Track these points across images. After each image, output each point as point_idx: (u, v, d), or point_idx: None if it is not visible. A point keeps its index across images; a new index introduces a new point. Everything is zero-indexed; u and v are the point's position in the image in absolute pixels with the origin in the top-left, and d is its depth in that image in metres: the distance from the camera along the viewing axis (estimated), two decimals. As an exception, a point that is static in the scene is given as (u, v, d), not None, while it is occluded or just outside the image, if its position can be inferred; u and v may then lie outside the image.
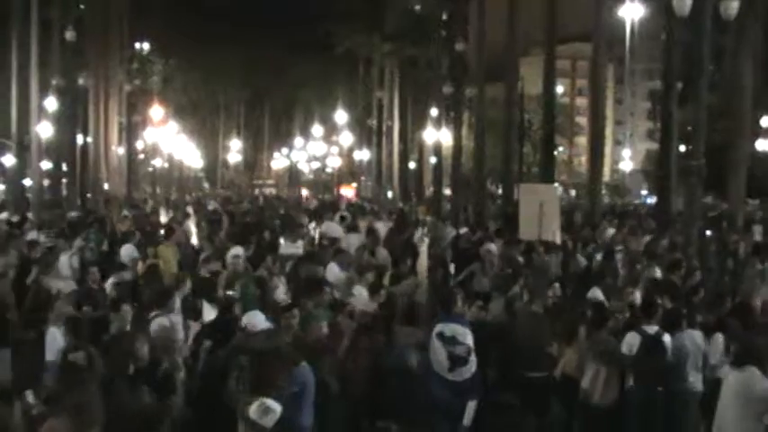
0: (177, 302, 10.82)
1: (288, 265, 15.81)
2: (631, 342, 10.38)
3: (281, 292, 13.63)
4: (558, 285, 13.84)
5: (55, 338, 10.06)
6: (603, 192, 48.23)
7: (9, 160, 44.51)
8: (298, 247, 18.86)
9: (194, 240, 24.33)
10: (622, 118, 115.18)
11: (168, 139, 79.71)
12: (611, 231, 24.41)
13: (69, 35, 44.85)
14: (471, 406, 9.71)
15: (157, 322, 9.86)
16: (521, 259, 16.60)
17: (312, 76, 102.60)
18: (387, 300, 12.24)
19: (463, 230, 25.54)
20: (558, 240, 18.19)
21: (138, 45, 73.87)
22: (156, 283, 13.49)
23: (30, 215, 32.11)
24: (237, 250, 14.91)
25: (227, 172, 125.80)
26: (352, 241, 19.55)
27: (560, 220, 19.27)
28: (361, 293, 12.61)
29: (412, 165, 73.17)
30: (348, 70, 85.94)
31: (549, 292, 12.94)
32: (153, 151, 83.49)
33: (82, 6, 52.51)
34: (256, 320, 9.41)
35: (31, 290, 13.54)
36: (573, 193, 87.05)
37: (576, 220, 28.68)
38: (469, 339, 9.85)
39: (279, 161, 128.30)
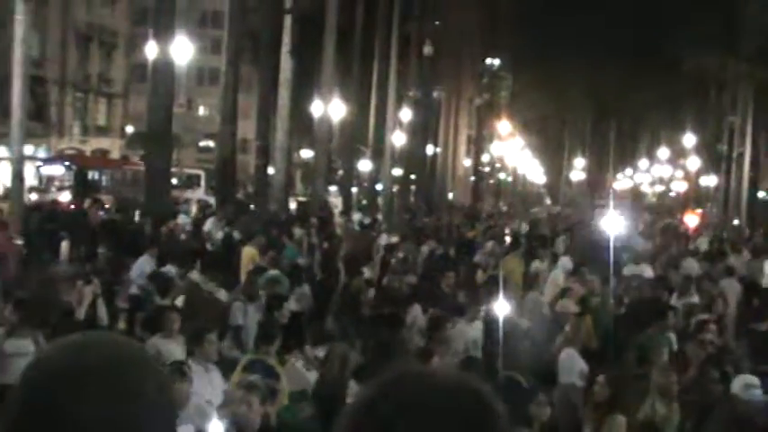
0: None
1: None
2: None
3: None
4: None
5: None
6: None
7: (365, 166, 47.02)
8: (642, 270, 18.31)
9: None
10: None
11: (513, 154, 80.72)
12: None
13: (427, 50, 46.75)
14: None
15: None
16: None
17: (659, 98, 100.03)
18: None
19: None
20: None
21: (488, 60, 75.49)
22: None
23: (379, 218, 33.87)
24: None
25: (569, 189, 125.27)
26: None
27: None
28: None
29: (761, 194, 69.26)
30: (696, 92, 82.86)
31: None
32: (498, 165, 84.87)
33: (438, 23, 54.50)
34: None
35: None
36: None
37: None
38: None
39: (622, 182, 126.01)
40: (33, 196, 31.34)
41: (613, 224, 12.16)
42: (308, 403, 8.14)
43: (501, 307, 9.69)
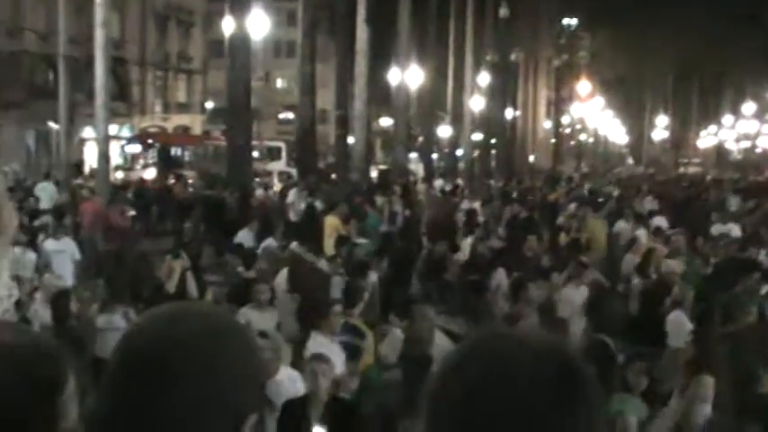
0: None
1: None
2: None
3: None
4: None
5: None
6: None
7: (444, 131, 46.86)
8: (729, 229, 17.96)
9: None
10: None
11: (594, 114, 79.58)
12: None
13: (503, 12, 46.27)
14: None
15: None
16: None
17: (744, 51, 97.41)
18: None
19: None
20: None
21: (565, 20, 74.38)
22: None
23: (460, 183, 33.76)
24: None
25: (652, 149, 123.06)
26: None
27: None
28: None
29: None
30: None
31: None
32: (578, 126, 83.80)
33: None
34: None
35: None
36: None
37: None
38: None
39: (706, 140, 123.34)
40: (119, 174, 32.00)
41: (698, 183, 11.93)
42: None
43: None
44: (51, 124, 35.13)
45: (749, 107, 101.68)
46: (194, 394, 1.44)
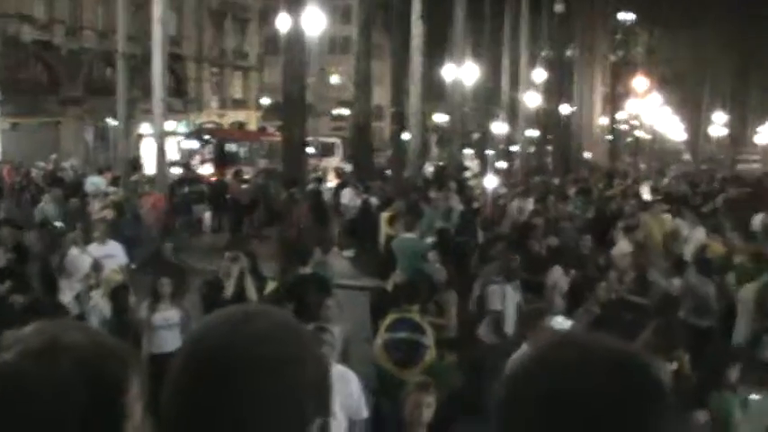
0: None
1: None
2: None
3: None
4: None
5: None
6: None
7: (499, 128, 46.60)
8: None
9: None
10: None
11: (651, 111, 78.67)
12: None
13: (558, 7, 45.98)
14: None
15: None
16: None
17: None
18: None
19: None
20: None
21: (621, 16, 73.65)
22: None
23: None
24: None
25: (709, 145, 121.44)
26: None
27: None
28: None
29: None
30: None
31: None
32: (635, 123, 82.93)
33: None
34: None
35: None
36: None
37: None
38: None
39: (764, 135, 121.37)
40: (177, 170, 32.36)
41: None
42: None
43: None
44: (110, 120, 35.63)
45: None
46: (260, 398, 1.43)
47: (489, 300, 10.55)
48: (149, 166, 27.63)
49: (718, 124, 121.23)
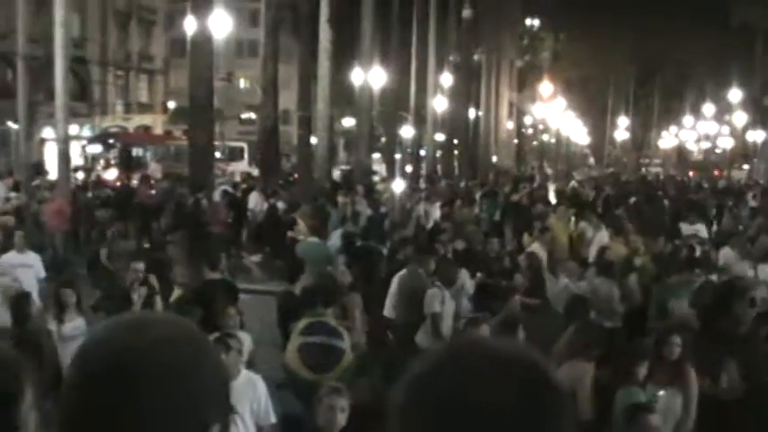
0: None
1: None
2: None
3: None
4: None
5: None
6: None
7: (407, 132, 46.84)
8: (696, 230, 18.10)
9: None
10: None
11: (556, 115, 79.97)
12: None
13: (466, 13, 46.39)
14: None
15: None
16: None
17: (705, 52, 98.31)
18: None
19: None
20: None
21: (528, 21, 74.73)
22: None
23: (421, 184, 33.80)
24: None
25: (614, 150, 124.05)
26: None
27: None
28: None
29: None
30: (745, 46, 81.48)
31: None
32: (541, 127, 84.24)
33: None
34: None
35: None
36: None
37: None
38: None
39: (667, 140, 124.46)
40: (80, 175, 31.72)
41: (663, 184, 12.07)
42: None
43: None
44: (11, 124, 34.75)
45: (709, 108, 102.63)
46: (157, 405, 1.42)
47: (428, 302, 10.52)
48: (53, 171, 27.08)
49: (622, 128, 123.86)
